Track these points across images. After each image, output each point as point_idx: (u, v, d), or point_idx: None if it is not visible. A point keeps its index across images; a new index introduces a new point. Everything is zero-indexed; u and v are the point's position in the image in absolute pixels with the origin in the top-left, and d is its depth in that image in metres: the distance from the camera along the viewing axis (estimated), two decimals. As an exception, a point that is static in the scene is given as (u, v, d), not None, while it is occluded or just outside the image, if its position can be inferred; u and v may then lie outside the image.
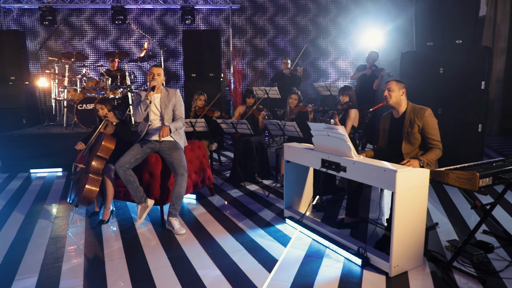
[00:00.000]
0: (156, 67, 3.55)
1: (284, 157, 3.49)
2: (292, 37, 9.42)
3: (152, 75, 3.51)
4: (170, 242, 3.09)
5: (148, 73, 3.54)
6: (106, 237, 3.23)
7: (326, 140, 2.91)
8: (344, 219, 3.30)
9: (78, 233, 3.33)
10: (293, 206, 3.61)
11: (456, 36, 5.06)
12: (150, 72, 3.52)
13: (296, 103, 4.81)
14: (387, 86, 3.07)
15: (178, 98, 3.59)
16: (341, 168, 2.78)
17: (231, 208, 3.90)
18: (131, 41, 8.58)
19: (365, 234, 3.16)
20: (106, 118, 3.64)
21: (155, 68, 3.53)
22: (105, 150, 3.49)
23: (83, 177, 3.44)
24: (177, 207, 3.36)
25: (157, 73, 3.51)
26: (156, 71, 3.52)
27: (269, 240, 3.08)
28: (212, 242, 3.08)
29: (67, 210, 3.93)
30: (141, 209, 3.47)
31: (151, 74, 3.51)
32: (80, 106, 5.96)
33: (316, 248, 2.93)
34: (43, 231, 3.39)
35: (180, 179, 3.34)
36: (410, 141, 3.03)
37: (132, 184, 3.39)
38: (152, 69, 3.52)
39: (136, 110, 3.52)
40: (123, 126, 3.65)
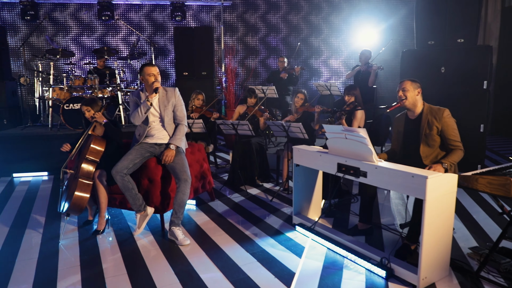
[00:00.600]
0: (153, 66, 3.31)
1: (294, 160, 3.30)
2: (284, 36, 9.25)
3: (153, 76, 3.26)
4: (174, 255, 2.85)
5: (148, 73, 3.28)
6: (103, 249, 2.97)
7: (343, 143, 2.73)
8: (358, 225, 3.13)
9: (71, 245, 3.06)
10: (302, 212, 3.43)
11: (458, 35, 4.98)
12: (151, 73, 3.27)
13: (302, 103, 4.63)
14: (402, 86, 2.92)
15: (178, 98, 3.36)
16: (360, 173, 2.60)
17: (234, 215, 3.68)
18: (118, 38, 8.22)
19: (381, 242, 3.01)
20: (94, 119, 3.36)
21: (154, 68, 3.29)
22: (94, 153, 3.22)
23: (72, 183, 3.16)
24: (180, 216, 3.12)
25: (157, 73, 3.29)
26: (156, 70, 3.29)
27: (281, 250, 2.89)
28: (220, 253, 2.86)
29: (57, 219, 3.63)
30: (140, 218, 3.22)
31: (151, 75, 3.26)
32: (67, 105, 5.62)
33: (333, 258, 2.75)
34: (32, 244, 3.09)
35: (183, 186, 3.10)
36: (428, 143, 2.89)
37: (131, 191, 3.13)
38: (151, 69, 3.26)
39: (135, 113, 3.26)
40: (112, 126, 3.38)
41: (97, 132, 3.40)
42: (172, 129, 3.33)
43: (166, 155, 3.15)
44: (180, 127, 3.33)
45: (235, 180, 4.66)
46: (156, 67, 3.33)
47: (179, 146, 3.26)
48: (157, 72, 3.29)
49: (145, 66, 3.30)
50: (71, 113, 5.65)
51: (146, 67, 3.30)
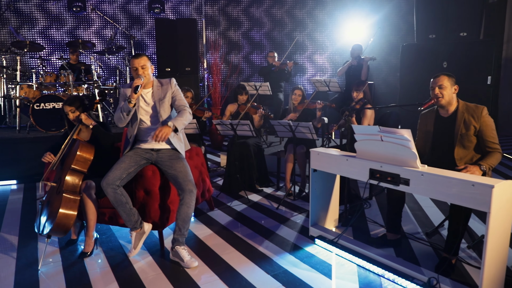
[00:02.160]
0: (138, 57, 2.75)
1: (311, 165, 2.93)
2: (267, 30, 8.88)
3: (135, 69, 2.76)
4: (181, 280, 2.42)
5: (131, 66, 2.80)
6: (93, 277, 2.48)
7: (378, 146, 2.39)
8: (387, 235, 2.82)
9: (53, 273, 2.54)
10: (319, 222, 3.08)
11: (460, 28, 4.81)
12: (132, 67, 2.78)
13: (301, 100, 4.28)
14: (438, 82, 2.62)
15: (175, 87, 2.86)
16: (401, 181, 2.28)
17: (240, 227, 3.28)
18: (91, 32, 7.54)
19: (412, 254, 2.70)
20: (79, 122, 2.85)
21: (136, 59, 2.74)
22: (81, 162, 2.71)
23: (55, 199, 2.64)
24: (185, 233, 2.68)
25: (140, 65, 2.74)
26: (139, 63, 2.73)
27: (306, 270, 2.52)
28: (236, 276, 2.45)
29: (33, 238, 3.08)
30: (136, 236, 2.74)
31: (133, 69, 2.77)
32: (37, 105, 4.98)
33: (367, 278, 2.41)
34: (5, 273, 2.55)
35: (188, 197, 2.66)
36: (464, 144, 2.61)
37: (124, 205, 2.66)
38: (133, 62, 2.74)
39: (118, 113, 2.78)
40: (102, 130, 2.88)
41: (83, 136, 2.89)
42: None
43: (159, 130, 2.58)
44: (183, 112, 2.79)
45: (232, 185, 4.25)
46: (142, 58, 2.75)
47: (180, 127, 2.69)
48: (141, 64, 2.73)
49: (131, 58, 2.81)
50: (42, 114, 5.02)
51: (131, 59, 2.80)
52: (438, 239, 2.95)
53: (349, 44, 8.93)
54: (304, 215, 3.53)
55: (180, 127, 2.70)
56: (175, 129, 2.66)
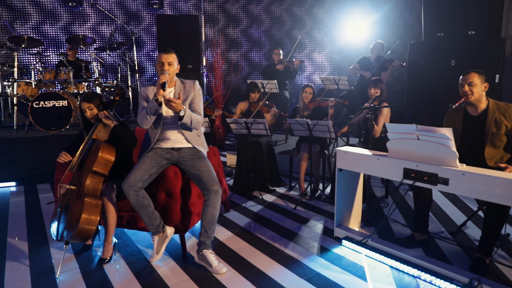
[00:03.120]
0: (167, 52, 2.66)
1: (337, 165, 2.86)
2: (267, 28, 8.78)
3: (160, 65, 2.65)
4: (211, 286, 2.31)
5: (157, 61, 2.68)
6: (117, 285, 2.35)
7: (413, 145, 2.33)
8: (415, 236, 2.77)
9: (73, 282, 2.40)
10: (343, 223, 3.01)
11: (469, 26, 4.80)
12: (158, 61, 2.66)
13: (311, 98, 4.20)
14: (468, 79, 2.58)
15: (197, 92, 2.77)
16: (439, 181, 2.22)
17: (261, 228, 3.19)
18: (86, 27, 7.30)
19: (442, 254, 2.66)
20: (98, 121, 2.70)
21: (165, 54, 2.64)
22: (103, 164, 2.57)
23: (75, 203, 2.50)
24: (212, 235, 2.58)
25: (168, 61, 2.64)
26: (167, 58, 2.63)
27: (338, 273, 2.45)
28: (269, 281, 2.36)
29: (44, 244, 2.93)
30: (158, 240, 2.62)
31: (159, 64, 2.65)
32: (37, 103, 4.78)
33: (402, 279, 2.35)
34: (20, 281, 2.40)
35: (214, 198, 2.55)
36: (494, 143, 2.58)
37: (147, 209, 2.53)
38: (161, 56, 2.64)
39: (142, 114, 2.64)
40: (124, 130, 2.73)
41: (100, 136, 2.74)
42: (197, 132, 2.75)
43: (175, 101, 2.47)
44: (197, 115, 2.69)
45: (244, 185, 4.15)
46: (170, 54, 2.65)
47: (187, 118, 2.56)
48: (168, 60, 2.63)
49: (159, 52, 2.69)
50: (42, 112, 4.82)
51: (159, 53, 2.68)
52: (464, 238, 2.92)
53: (349, 43, 8.99)
54: (323, 215, 3.46)
55: (188, 118, 2.57)
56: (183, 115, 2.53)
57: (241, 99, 4.61)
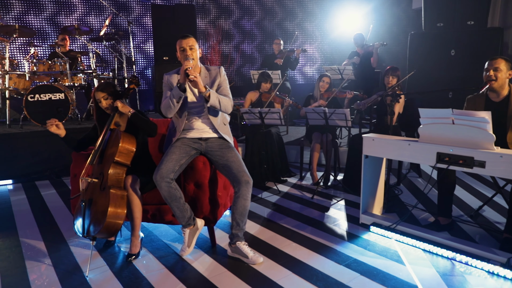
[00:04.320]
0: (186, 37, 2.53)
1: (364, 151, 2.86)
2: (258, 19, 8.71)
3: (182, 51, 2.55)
4: (254, 278, 2.26)
5: (178, 47, 2.58)
6: (154, 281, 2.26)
7: (447, 130, 2.36)
8: (440, 220, 2.82)
9: (105, 279, 2.30)
10: (368, 209, 3.03)
11: (468, 17, 4.92)
12: (179, 48, 2.56)
13: (328, 87, 4.19)
14: (494, 64, 2.63)
15: (223, 76, 2.66)
16: (475, 163, 2.26)
17: (285, 218, 3.16)
18: (73, 18, 6.99)
19: (468, 236, 2.72)
20: (114, 110, 2.57)
21: (184, 40, 2.52)
22: (124, 154, 2.46)
23: (99, 196, 2.38)
24: (244, 227, 2.53)
25: (189, 46, 2.52)
26: (187, 43, 2.51)
27: (375, 258, 2.46)
28: (309, 269, 2.34)
29: (62, 243, 2.79)
30: (189, 233, 2.55)
31: (181, 50, 2.56)
32: (32, 96, 4.54)
33: (439, 262, 2.39)
34: (47, 282, 2.27)
35: (245, 189, 2.49)
36: (516, 128, 2.65)
37: (178, 201, 2.45)
38: (181, 43, 2.53)
39: (165, 102, 2.55)
40: (143, 118, 2.61)
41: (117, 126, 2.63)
42: (219, 117, 2.66)
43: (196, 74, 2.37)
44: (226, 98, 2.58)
45: (255, 176, 4.11)
46: (190, 38, 2.53)
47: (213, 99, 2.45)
48: (190, 44, 2.51)
49: (178, 40, 2.59)
50: (37, 106, 4.59)
51: (178, 41, 2.58)
52: (485, 220, 3.00)
53: (341, 34, 9.04)
54: (342, 202, 3.48)
55: (215, 98, 2.46)
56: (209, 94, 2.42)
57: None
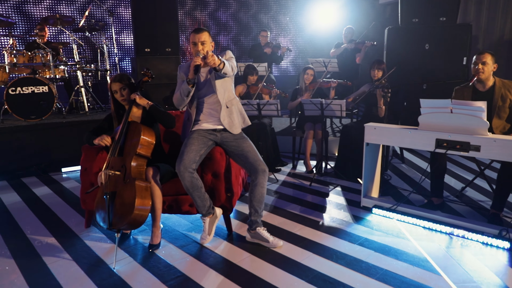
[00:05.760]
0: (199, 32, 2.56)
1: (365, 139, 3.08)
2: (233, 11, 8.74)
3: (193, 46, 2.59)
4: (279, 260, 2.40)
5: (191, 41, 2.62)
6: (185, 268, 2.33)
7: (446, 118, 2.62)
8: (434, 200, 3.11)
9: (133, 270, 2.33)
10: (367, 193, 3.27)
11: (440, 13, 5.30)
12: (191, 41, 2.61)
13: (312, 79, 4.38)
14: (482, 59, 2.92)
15: (229, 57, 2.63)
16: (471, 148, 2.54)
17: (289, 204, 3.33)
18: (43, 6, 6.64)
19: (457, 214, 3.03)
20: (131, 103, 2.59)
21: (197, 34, 2.55)
22: (145, 146, 2.50)
23: (124, 189, 2.40)
24: (261, 214, 2.65)
25: (200, 41, 2.56)
26: (199, 38, 2.55)
27: (383, 236, 2.69)
28: (326, 249, 2.52)
29: (74, 237, 2.76)
30: (209, 222, 2.63)
31: (192, 45, 2.61)
32: (13, 89, 4.33)
33: (439, 237, 2.66)
34: (73, 276, 2.27)
35: (262, 178, 2.60)
36: (499, 115, 2.98)
37: (200, 190, 2.53)
38: (194, 37, 2.57)
39: (176, 95, 2.61)
40: (161, 110, 2.64)
41: (133, 119, 2.64)
42: (232, 108, 2.70)
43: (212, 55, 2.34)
44: None
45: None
46: (203, 33, 2.55)
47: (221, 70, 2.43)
48: (202, 40, 2.53)
49: (191, 33, 2.63)
50: (19, 99, 4.39)
51: (191, 34, 2.63)
52: (469, 200, 3.34)
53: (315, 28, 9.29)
54: (339, 188, 3.70)
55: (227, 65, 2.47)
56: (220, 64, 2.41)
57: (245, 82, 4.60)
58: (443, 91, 5.04)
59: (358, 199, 3.38)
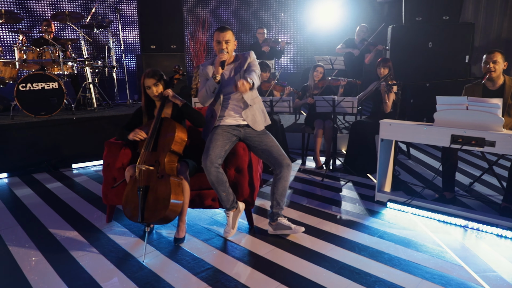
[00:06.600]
0: (223, 31, 2.64)
1: (380, 135, 3.16)
2: (234, 8, 8.77)
3: (217, 44, 2.66)
4: (303, 251, 2.47)
5: (215, 40, 2.68)
6: (214, 261, 2.39)
7: (461, 114, 2.72)
8: (446, 195, 3.21)
9: (161, 263, 2.38)
10: (381, 188, 3.36)
11: (443, 12, 5.42)
12: (216, 39, 2.67)
13: (322, 77, 4.45)
14: (493, 58, 3.02)
15: (253, 60, 2.75)
16: (486, 143, 2.64)
17: (305, 199, 3.40)
18: (45, 2, 6.59)
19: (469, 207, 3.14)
20: (164, 99, 2.63)
21: (222, 33, 2.63)
22: (179, 143, 2.56)
23: (158, 184, 2.43)
24: (283, 206, 2.73)
25: (225, 40, 2.64)
26: (224, 37, 2.63)
27: (401, 229, 2.78)
28: (347, 242, 2.59)
29: (97, 231, 2.80)
30: (233, 216, 2.69)
31: (216, 43, 2.67)
32: (23, 86, 4.32)
33: (455, 230, 2.76)
34: (103, 269, 2.31)
35: (286, 172, 2.67)
36: (510, 113, 3.09)
37: (225, 185, 2.59)
38: (218, 35, 2.64)
39: (201, 92, 2.66)
40: (193, 108, 2.70)
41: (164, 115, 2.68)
42: (254, 106, 2.76)
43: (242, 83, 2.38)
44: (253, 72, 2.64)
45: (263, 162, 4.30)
46: (227, 31, 2.64)
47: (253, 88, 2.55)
48: (226, 38, 2.62)
49: (216, 31, 2.69)
50: (30, 96, 4.38)
51: (215, 32, 2.69)
52: (478, 194, 3.45)
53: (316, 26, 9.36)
54: (351, 183, 3.78)
55: (256, 81, 2.59)
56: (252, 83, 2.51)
57: None
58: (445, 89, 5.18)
59: (370, 193, 3.47)
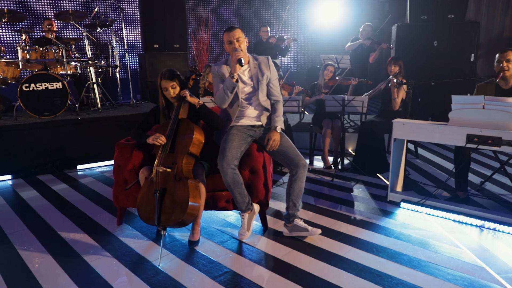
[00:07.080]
0: (232, 30, 2.61)
1: (393, 135, 3.14)
2: (235, 7, 8.73)
3: (229, 44, 2.62)
4: (320, 253, 2.44)
5: (226, 41, 2.64)
6: (230, 264, 2.35)
7: (477, 114, 2.69)
8: (459, 194, 3.19)
9: (178, 267, 2.34)
10: (393, 187, 3.33)
11: (449, 10, 5.40)
12: (226, 41, 2.63)
13: (332, 76, 4.41)
14: (506, 56, 3.00)
15: (273, 70, 2.78)
16: (503, 142, 2.62)
17: (317, 200, 3.36)
18: (44, 2, 6.51)
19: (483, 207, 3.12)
20: (181, 100, 2.58)
21: (231, 32, 2.60)
22: (196, 145, 2.51)
23: (175, 187, 2.38)
24: (299, 207, 2.69)
25: (235, 38, 2.60)
26: (234, 35, 2.59)
27: (416, 229, 2.75)
28: (364, 244, 2.56)
29: (109, 235, 2.75)
30: (248, 218, 2.65)
31: (228, 43, 2.62)
32: (27, 86, 4.25)
33: (471, 229, 2.74)
34: (117, 272, 2.26)
35: (302, 172, 2.64)
36: (523, 111, 3.06)
37: (240, 186, 2.55)
38: (228, 36, 2.61)
39: (219, 93, 2.62)
40: (210, 110, 2.65)
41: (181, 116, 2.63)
42: (268, 106, 2.76)
43: (273, 140, 2.62)
44: (278, 105, 2.79)
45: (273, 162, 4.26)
46: (236, 30, 2.61)
47: (283, 128, 2.74)
48: (237, 37, 2.59)
49: (224, 32, 2.65)
50: (33, 96, 4.31)
51: (224, 33, 2.65)
52: (489, 193, 3.44)
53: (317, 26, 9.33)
54: (360, 183, 3.76)
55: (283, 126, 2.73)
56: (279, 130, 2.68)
57: None
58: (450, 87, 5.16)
59: (381, 193, 3.45)
